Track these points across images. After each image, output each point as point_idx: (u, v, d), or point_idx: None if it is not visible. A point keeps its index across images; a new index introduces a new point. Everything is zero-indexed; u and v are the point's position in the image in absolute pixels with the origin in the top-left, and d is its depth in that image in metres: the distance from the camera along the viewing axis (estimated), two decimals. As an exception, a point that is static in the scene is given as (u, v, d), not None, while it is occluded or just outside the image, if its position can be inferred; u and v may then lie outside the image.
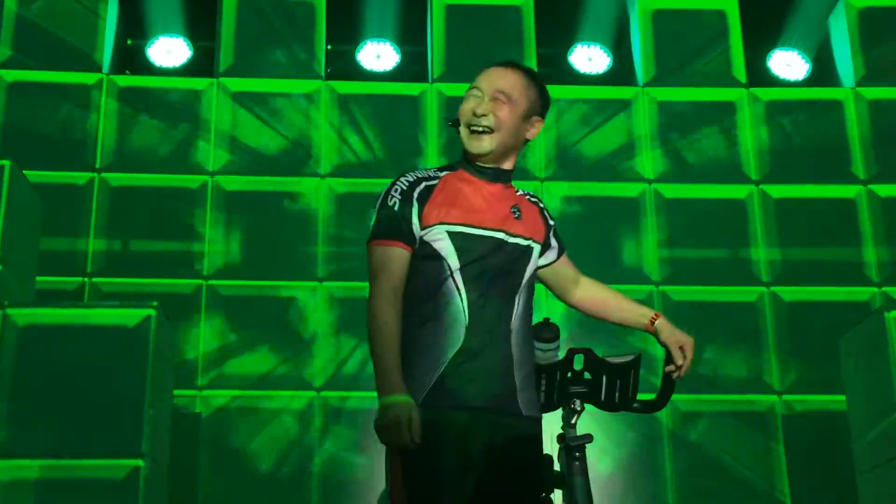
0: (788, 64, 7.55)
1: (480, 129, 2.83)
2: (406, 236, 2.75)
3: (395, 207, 2.77)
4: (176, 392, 6.05)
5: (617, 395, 3.02)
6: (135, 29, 7.49)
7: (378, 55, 7.44)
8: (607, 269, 6.89)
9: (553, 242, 3.00)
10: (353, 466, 6.35)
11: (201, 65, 7.38)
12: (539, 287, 2.94)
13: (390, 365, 2.62)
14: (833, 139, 7.24)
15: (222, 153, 7.04)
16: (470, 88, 2.88)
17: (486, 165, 2.86)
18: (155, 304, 5.15)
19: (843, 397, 6.01)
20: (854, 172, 7.16)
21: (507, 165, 2.89)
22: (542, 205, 3.01)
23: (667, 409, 6.43)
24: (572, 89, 7.31)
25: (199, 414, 6.43)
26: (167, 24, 7.33)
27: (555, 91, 7.10)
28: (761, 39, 7.58)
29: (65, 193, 6.83)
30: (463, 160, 2.89)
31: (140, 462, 4.87)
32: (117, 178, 6.94)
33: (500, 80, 2.85)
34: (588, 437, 3.00)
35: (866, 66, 7.34)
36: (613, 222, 7.06)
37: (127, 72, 7.38)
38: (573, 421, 3.04)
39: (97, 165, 6.94)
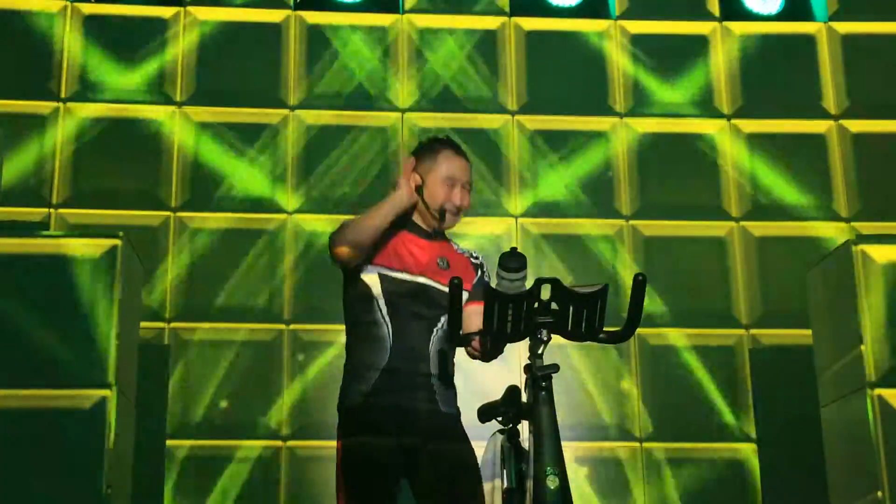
0: (763, -2, 7.51)
1: (456, 213, 3.46)
2: None
3: None
4: (144, 324, 6.03)
5: (584, 324, 3.00)
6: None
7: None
8: (578, 203, 6.92)
9: (472, 290, 3.43)
10: (323, 400, 6.36)
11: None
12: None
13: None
14: (805, 74, 7.22)
15: (190, 84, 6.95)
16: (441, 173, 3.42)
17: (432, 230, 3.46)
18: (121, 234, 5.11)
19: (809, 331, 6.07)
20: (825, 107, 7.16)
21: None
22: (479, 262, 3.54)
23: (634, 341, 6.52)
24: (545, 21, 7.24)
25: (167, 346, 6.41)
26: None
27: (529, 23, 7.18)
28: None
29: (29, 123, 6.73)
30: (406, 224, 3.44)
31: (107, 392, 4.86)
32: (83, 108, 6.84)
33: (467, 172, 3.48)
34: (554, 367, 2.99)
35: (839, 1, 7.31)
36: (583, 158, 7.03)
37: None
38: (539, 351, 3.02)
39: (62, 95, 6.83)
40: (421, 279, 3.38)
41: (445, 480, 3.26)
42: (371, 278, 3.34)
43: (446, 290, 3.25)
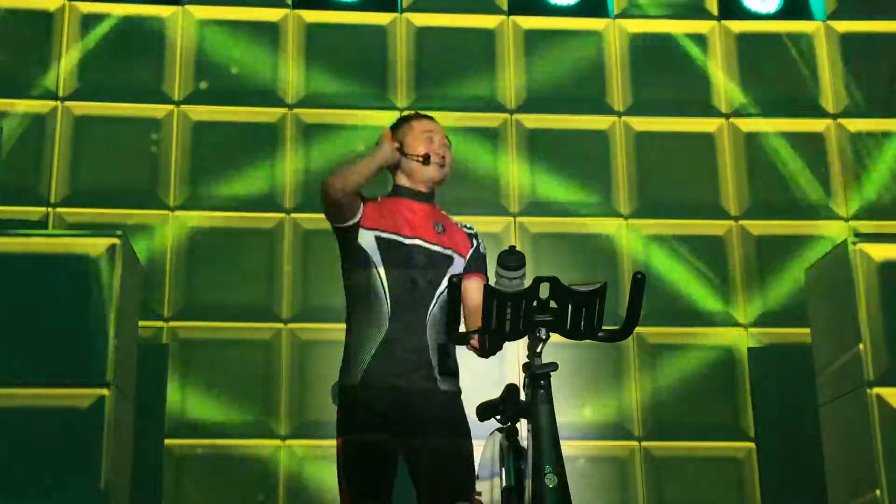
0: (761, -3, 7.50)
1: (442, 164, 3.54)
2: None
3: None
4: (142, 323, 6.03)
5: (582, 323, 3.00)
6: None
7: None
8: (577, 201, 6.91)
9: (468, 260, 3.51)
10: (322, 399, 6.35)
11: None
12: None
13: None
14: (803, 73, 7.22)
15: (188, 82, 6.95)
16: (417, 132, 3.55)
17: (424, 189, 3.55)
18: (119, 233, 5.11)
19: (808, 330, 6.07)
20: (823, 106, 7.16)
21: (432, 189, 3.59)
22: (473, 232, 3.61)
23: (633, 341, 6.52)
24: (543, 20, 7.24)
25: (165, 345, 6.41)
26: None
27: (527, 22, 7.18)
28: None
29: (28, 123, 6.73)
30: (395, 190, 3.56)
31: (105, 391, 4.86)
32: (81, 107, 6.84)
33: (443, 132, 3.61)
34: (553, 366, 3.00)
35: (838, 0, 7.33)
36: (583, 156, 7.03)
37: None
38: (538, 349, 3.02)
39: (60, 94, 6.82)
40: (417, 241, 3.44)
41: (440, 465, 3.28)
42: (367, 242, 3.41)
43: (444, 251, 3.45)
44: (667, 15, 7.32)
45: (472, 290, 3.43)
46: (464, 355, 3.42)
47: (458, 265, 3.48)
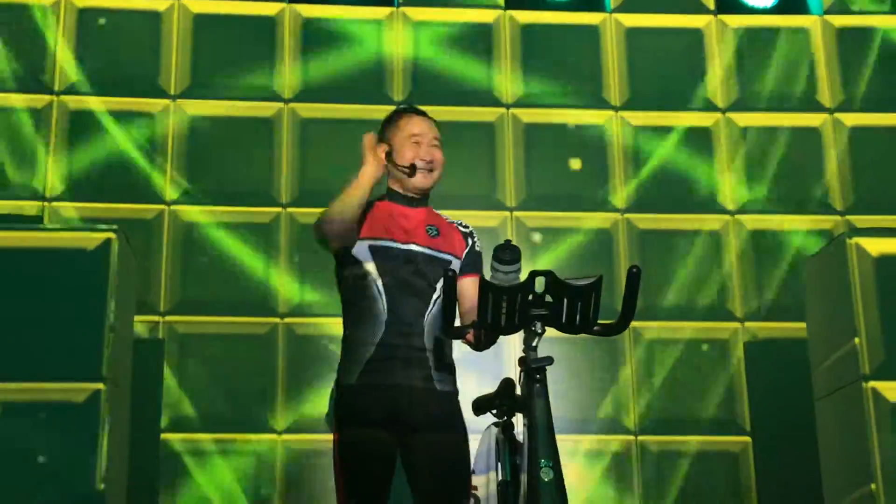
0: (758, -9, 7.50)
1: (430, 168, 3.46)
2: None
3: None
4: (138, 318, 6.02)
5: (578, 317, 3.00)
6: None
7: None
8: (573, 196, 6.92)
9: (464, 260, 3.47)
10: (318, 393, 6.35)
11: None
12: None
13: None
14: (800, 67, 7.22)
15: (185, 76, 6.94)
16: (406, 135, 3.47)
17: (416, 196, 3.48)
18: (115, 227, 5.10)
19: (803, 325, 6.08)
20: (820, 101, 7.16)
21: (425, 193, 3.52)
22: (469, 231, 3.55)
23: (629, 335, 6.53)
24: (538, 14, 7.24)
25: (161, 340, 6.40)
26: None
27: (524, 16, 7.18)
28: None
29: (25, 118, 6.73)
30: (389, 194, 3.49)
31: (100, 385, 4.85)
32: (77, 101, 6.82)
33: (433, 129, 3.51)
34: (548, 360, 2.99)
35: (836, -6, 7.34)
36: (576, 151, 7.03)
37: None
38: (534, 344, 3.02)
39: (56, 89, 6.81)
40: (412, 246, 3.40)
41: (436, 463, 3.27)
42: (361, 251, 3.36)
43: (438, 255, 3.40)
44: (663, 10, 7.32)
45: (468, 290, 3.40)
46: (460, 350, 3.41)
47: (454, 267, 3.44)
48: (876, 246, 5.47)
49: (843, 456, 5.54)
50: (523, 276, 3.00)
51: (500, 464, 3.47)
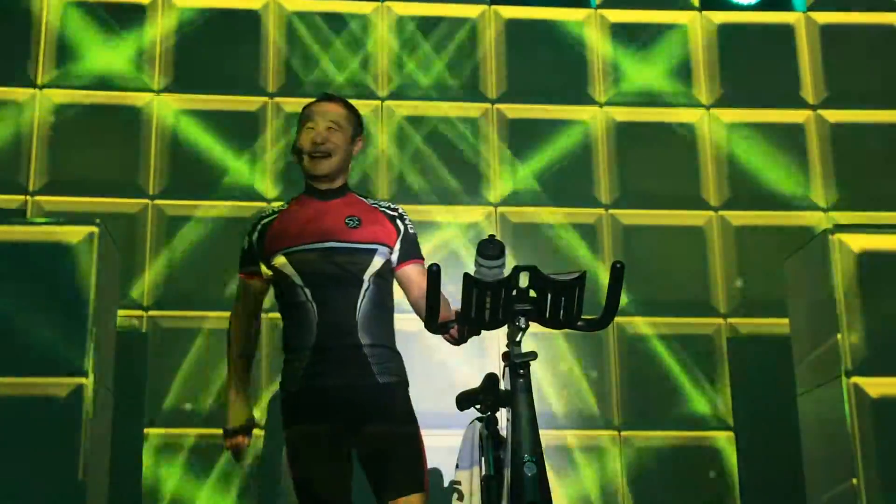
0: (742, -13, 7.52)
1: (320, 154, 3.41)
2: (257, 269, 3.42)
3: (247, 246, 3.46)
4: (121, 312, 6.01)
5: (562, 312, 3.01)
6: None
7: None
8: (558, 192, 6.93)
9: (399, 248, 3.43)
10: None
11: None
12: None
13: (230, 393, 3.50)
14: (784, 64, 7.25)
15: (169, 69, 6.93)
16: (303, 124, 3.45)
17: (323, 187, 3.44)
18: (98, 221, 5.08)
19: (786, 321, 6.11)
20: (803, 97, 7.19)
21: (340, 182, 3.48)
22: (398, 213, 3.49)
23: (613, 330, 6.54)
24: (525, 10, 7.24)
25: (145, 334, 6.39)
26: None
27: (508, 11, 7.18)
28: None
29: (6, 111, 6.70)
30: (305, 188, 3.49)
31: (84, 380, 4.84)
32: (60, 94, 6.80)
33: (331, 113, 3.47)
34: (532, 355, 3.00)
35: (819, -9, 7.37)
36: (562, 146, 7.04)
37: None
38: (518, 338, 3.02)
39: (38, 83, 6.78)
40: (329, 243, 3.34)
41: (383, 456, 3.26)
42: (280, 262, 3.35)
43: (360, 246, 3.36)
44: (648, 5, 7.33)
45: (413, 278, 3.41)
46: (443, 345, 3.41)
47: (381, 255, 3.38)
48: (858, 242, 5.50)
49: (825, 451, 5.57)
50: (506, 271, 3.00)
51: (483, 458, 3.48)
